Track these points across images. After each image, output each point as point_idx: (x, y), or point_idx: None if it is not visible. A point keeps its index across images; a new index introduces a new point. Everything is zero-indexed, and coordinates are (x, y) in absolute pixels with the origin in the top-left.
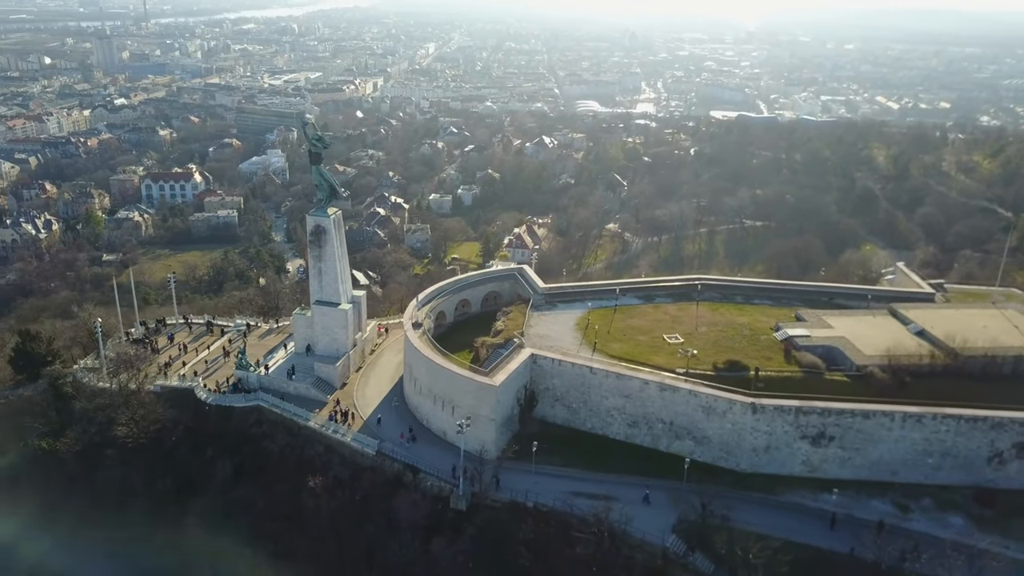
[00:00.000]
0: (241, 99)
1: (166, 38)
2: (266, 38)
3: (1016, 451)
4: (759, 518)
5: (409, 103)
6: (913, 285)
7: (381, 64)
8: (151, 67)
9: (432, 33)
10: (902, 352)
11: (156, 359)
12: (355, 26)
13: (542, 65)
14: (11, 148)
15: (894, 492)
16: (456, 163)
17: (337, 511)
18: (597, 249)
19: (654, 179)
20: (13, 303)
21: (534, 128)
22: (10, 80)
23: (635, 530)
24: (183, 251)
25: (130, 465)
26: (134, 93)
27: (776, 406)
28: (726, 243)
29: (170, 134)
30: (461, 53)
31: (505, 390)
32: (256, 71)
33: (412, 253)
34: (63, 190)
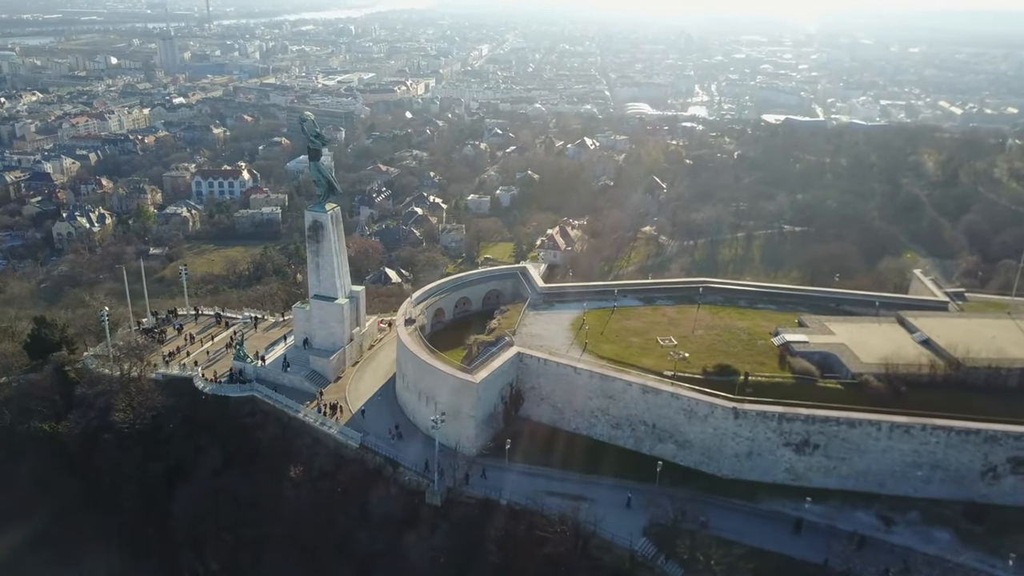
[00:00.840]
0: (294, 99)
1: (227, 39)
2: (323, 39)
3: (1011, 466)
4: (734, 524)
5: (458, 104)
6: (928, 293)
7: (434, 65)
8: (210, 67)
9: (486, 35)
10: (900, 361)
11: (162, 348)
12: (411, 28)
13: (594, 67)
14: (73, 145)
15: (880, 504)
16: (498, 164)
17: (316, 501)
18: (631, 252)
19: (694, 182)
20: (62, 292)
21: (578, 130)
22: (77, 79)
23: (604, 532)
24: (227, 246)
25: (126, 449)
26: (192, 92)
27: (758, 411)
28: (763, 248)
29: (223, 132)
30: (514, 55)
31: (486, 387)
32: (311, 71)
33: (446, 252)
34: (118, 185)
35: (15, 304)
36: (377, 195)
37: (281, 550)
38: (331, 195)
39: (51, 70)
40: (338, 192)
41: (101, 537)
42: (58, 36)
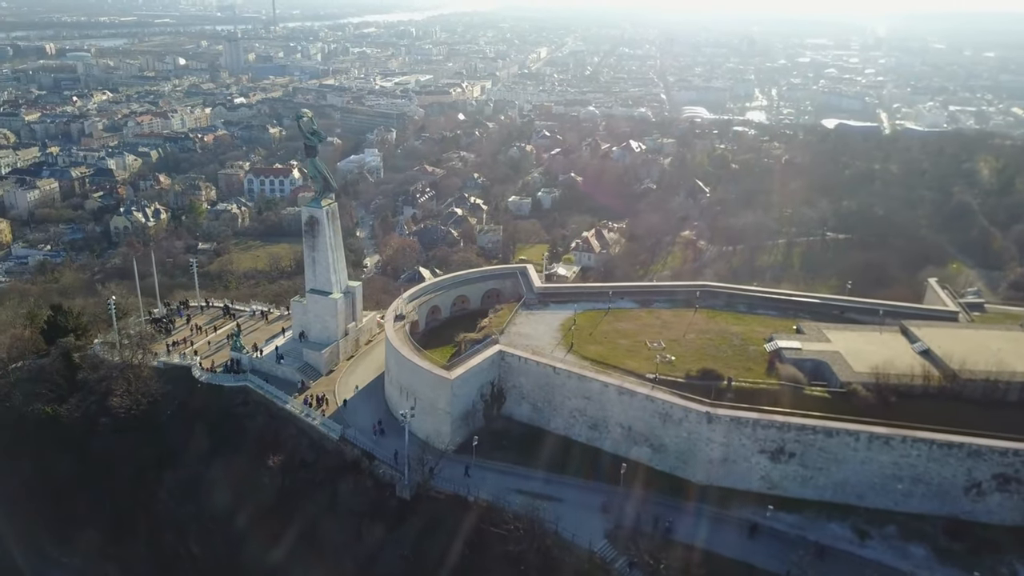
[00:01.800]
0: (350, 99)
1: (291, 41)
2: (384, 41)
3: (996, 483)
4: (701, 531)
5: (512, 106)
6: (941, 303)
7: (491, 68)
8: (273, 68)
9: (546, 38)
10: (892, 370)
11: (168, 338)
12: (471, 30)
13: (653, 70)
14: (136, 142)
15: (857, 517)
16: (543, 166)
17: (291, 490)
18: (667, 256)
19: (738, 187)
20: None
21: (627, 132)
22: (146, 79)
23: (566, 532)
24: (273, 243)
25: (122, 433)
26: (253, 93)
27: (732, 417)
28: (804, 255)
29: (279, 132)
30: (572, 57)
31: (463, 384)
32: (370, 73)
33: (482, 253)
34: (175, 182)
35: (67, 294)
36: (421, 195)
37: (256, 537)
38: (327, 191)
39: (122, 71)
40: (334, 188)
41: (93, 517)
42: (132, 38)
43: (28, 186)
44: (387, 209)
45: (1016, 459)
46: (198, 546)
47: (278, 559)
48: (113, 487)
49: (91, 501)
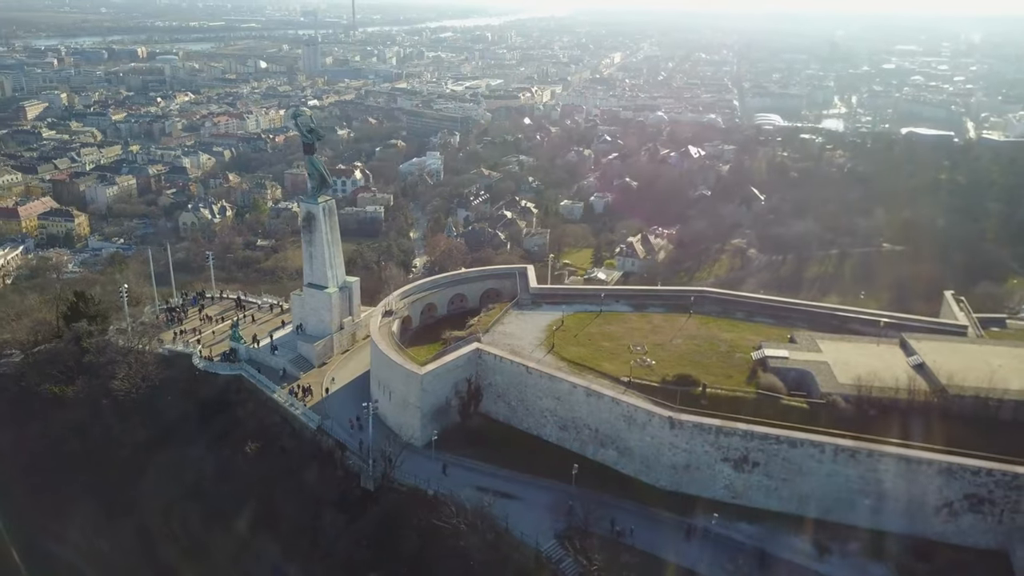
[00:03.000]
0: (419, 103)
1: (368, 45)
2: (460, 46)
3: (969, 503)
4: (656, 537)
5: (580, 111)
6: (953, 316)
7: (563, 72)
8: (348, 71)
9: (621, 43)
10: (877, 383)
11: (179, 326)
12: (546, 35)
13: (728, 76)
14: (211, 142)
15: (821, 531)
16: (600, 171)
17: (266, 476)
18: (714, 264)
19: (795, 195)
20: (196, 279)
21: (689, 138)
22: (227, 82)
23: (516, 530)
24: None
25: (121, 416)
26: (326, 95)
27: (695, 423)
28: (856, 267)
29: (348, 133)
30: (646, 63)
31: (434, 380)
32: (442, 77)
33: (526, 256)
34: (243, 180)
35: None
36: (475, 198)
37: (225, 517)
38: (324, 188)
39: (206, 73)
40: (330, 185)
41: (89, 493)
42: (218, 42)
43: (108, 182)
44: (441, 211)
45: (989, 479)
46: (180, 526)
47: (242, 540)
48: (109, 466)
49: (88, 478)
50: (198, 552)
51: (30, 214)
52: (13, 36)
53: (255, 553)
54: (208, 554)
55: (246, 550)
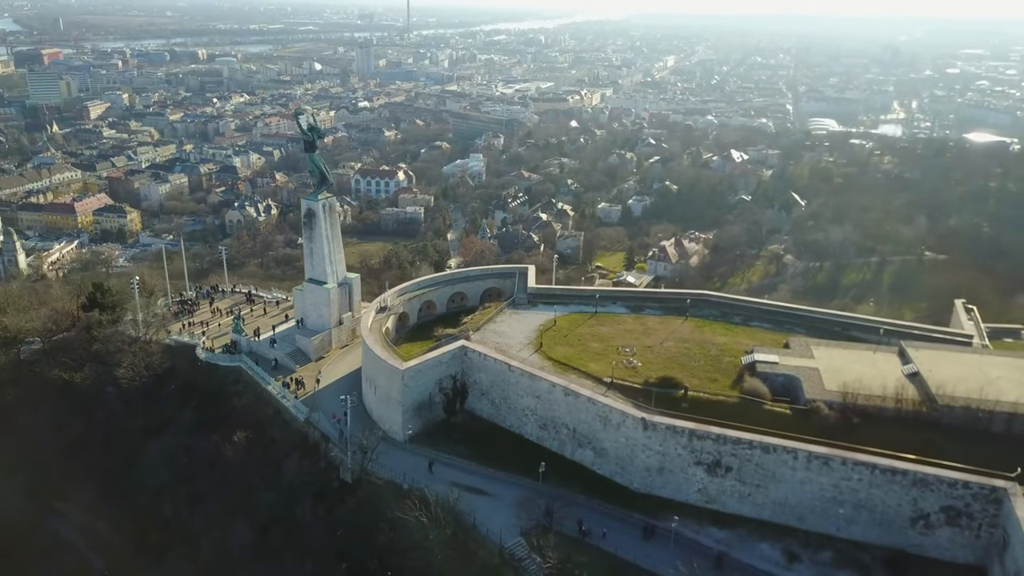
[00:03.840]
0: (467, 105)
1: (421, 47)
2: (513, 49)
3: (945, 516)
4: (624, 539)
5: (628, 114)
6: (962, 326)
7: (615, 76)
8: (400, 73)
9: (676, 46)
10: (863, 390)
11: (190, 318)
12: (600, 38)
13: (783, 81)
14: (262, 142)
15: (793, 539)
16: (641, 174)
17: (251, 465)
18: (748, 269)
19: (837, 200)
20: (212, 273)
21: (736, 142)
22: (281, 83)
23: (482, 526)
24: (369, 241)
25: (124, 403)
26: (377, 97)
27: (668, 425)
28: (895, 275)
29: (395, 135)
30: (700, 66)
31: (416, 375)
32: (493, 79)
33: (559, 259)
34: (290, 180)
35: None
36: (512, 200)
37: (214, 505)
38: (324, 185)
39: (261, 75)
40: (330, 183)
41: (91, 476)
42: (276, 44)
43: (161, 180)
44: (478, 212)
45: (966, 492)
46: (172, 510)
47: (222, 526)
48: (109, 450)
49: (91, 461)
50: (183, 536)
51: (86, 210)
52: (83, 39)
53: (233, 539)
54: (192, 539)
55: (225, 536)
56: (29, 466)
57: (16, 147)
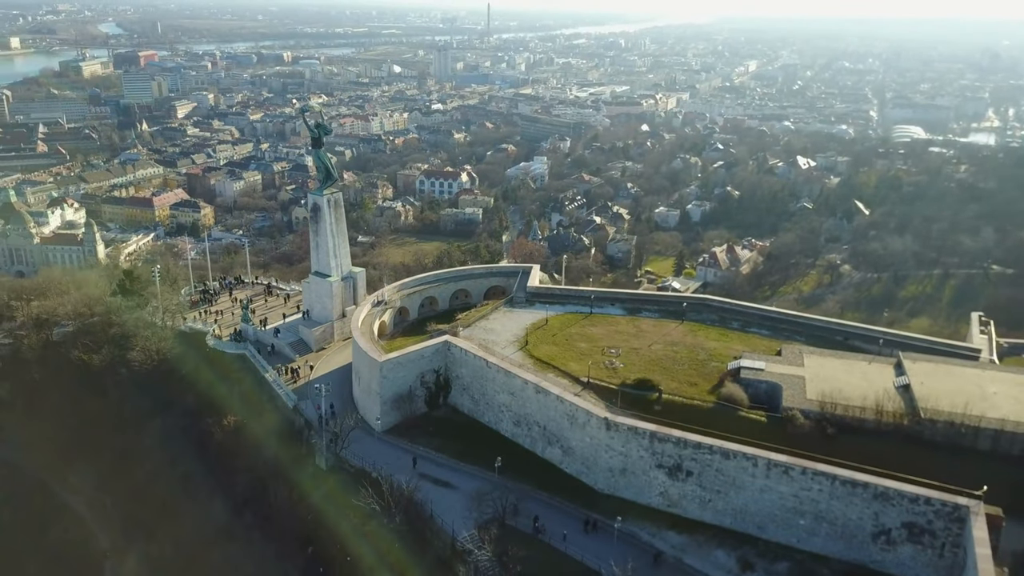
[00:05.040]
0: (538, 108)
1: (500, 51)
2: (592, 52)
3: (907, 532)
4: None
5: (702, 119)
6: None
7: (693, 80)
8: (476, 77)
9: (759, 51)
10: (841, 401)
11: (210, 307)
12: (682, 42)
13: (870, 86)
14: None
15: (751, 548)
16: (704, 178)
17: (236, 448)
18: (802, 278)
19: (903, 210)
20: (271, 268)
21: (807, 148)
22: (359, 85)
23: (439, 518)
24: (427, 240)
25: (135, 384)
26: (450, 99)
27: (629, 426)
28: (958, 288)
29: (464, 137)
30: (783, 71)
31: (395, 368)
32: (568, 83)
33: (607, 262)
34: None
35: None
36: (570, 203)
37: (200, 486)
38: (329, 181)
39: (342, 77)
40: (335, 179)
41: (99, 453)
42: (359, 47)
43: (236, 177)
44: (535, 215)
45: (928, 508)
46: (165, 487)
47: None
48: (116, 428)
49: (102, 439)
50: (172, 514)
51: (163, 204)
52: (178, 41)
53: (209, 519)
54: (179, 517)
55: (204, 515)
56: (48, 441)
57: (108, 144)
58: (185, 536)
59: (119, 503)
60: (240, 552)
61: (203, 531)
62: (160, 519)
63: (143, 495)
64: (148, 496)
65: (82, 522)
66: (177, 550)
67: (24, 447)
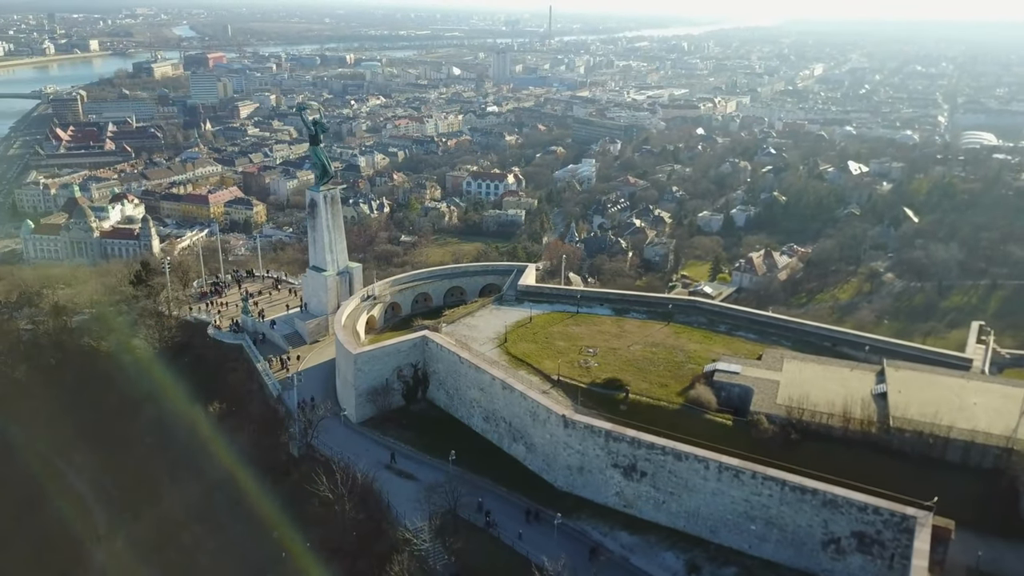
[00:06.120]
0: (593, 111)
1: (560, 53)
2: (653, 55)
3: (857, 542)
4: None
5: (761, 123)
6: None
7: (755, 83)
8: (534, 79)
9: (827, 54)
10: (808, 407)
11: (219, 299)
12: (746, 45)
13: (941, 91)
14: (389, 143)
15: (700, 551)
16: (752, 183)
17: (219, 434)
18: (841, 286)
19: (954, 218)
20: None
21: (860, 153)
22: (418, 87)
23: (396, 508)
24: (468, 241)
25: (137, 369)
26: (506, 102)
27: (586, 424)
28: (1006, 300)
29: (515, 139)
30: (850, 75)
31: (369, 361)
32: (626, 86)
33: (643, 265)
34: (407, 180)
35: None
36: (613, 206)
37: (183, 469)
38: (326, 177)
39: (401, 79)
40: (331, 175)
41: (102, 436)
42: (421, 49)
43: (290, 176)
44: (576, 217)
45: (876, 518)
46: (158, 468)
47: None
48: (118, 412)
49: (104, 421)
50: (156, 497)
51: (218, 201)
52: (246, 44)
53: (184, 501)
54: (162, 499)
55: (181, 498)
56: (56, 424)
57: (172, 142)
58: (164, 518)
59: (115, 485)
60: (208, 534)
61: (178, 513)
62: (146, 501)
63: (136, 478)
64: (140, 479)
65: (80, 501)
66: (157, 532)
67: (34, 428)
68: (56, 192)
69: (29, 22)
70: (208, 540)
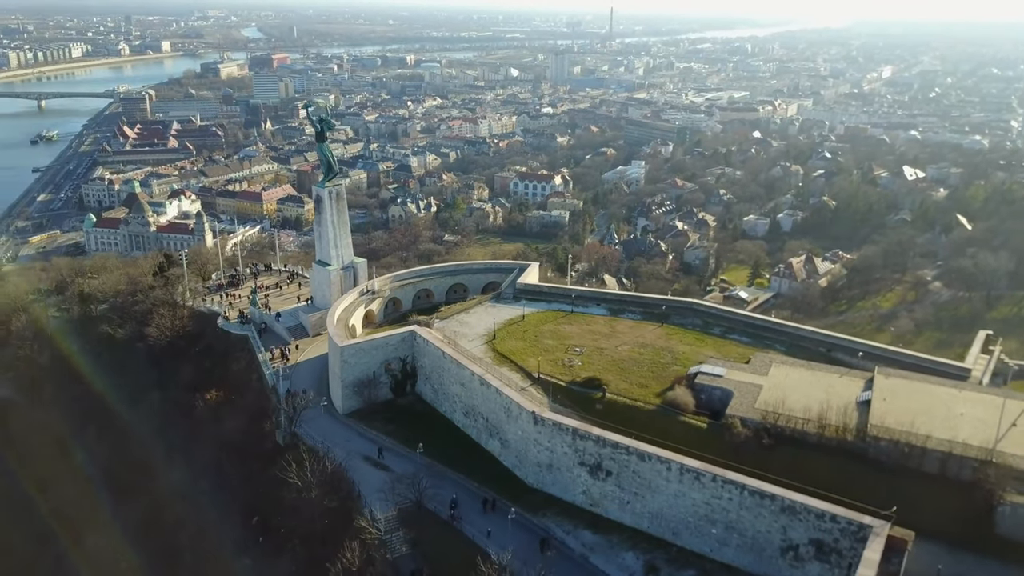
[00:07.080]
0: (648, 113)
1: (620, 55)
2: (715, 57)
3: (815, 549)
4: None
5: (821, 126)
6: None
7: (818, 86)
8: (591, 81)
9: (897, 55)
10: (784, 412)
11: (234, 291)
12: (813, 47)
13: (1017, 95)
14: (441, 143)
15: (660, 553)
16: (803, 187)
17: (213, 421)
18: (884, 294)
19: (1009, 226)
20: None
21: (917, 158)
22: (474, 88)
23: (366, 498)
24: (510, 241)
25: (148, 357)
26: (561, 103)
27: (554, 421)
28: None
29: (567, 140)
30: (919, 77)
31: (356, 354)
32: (684, 88)
33: (682, 268)
34: (456, 180)
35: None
36: (658, 208)
37: (177, 454)
38: (331, 174)
39: (459, 80)
40: (336, 172)
41: (111, 420)
42: (481, 51)
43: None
44: (620, 219)
45: (834, 526)
46: (158, 453)
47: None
48: (127, 397)
49: (113, 408)
50: (150, 480)
51: (271, 198)
52: (311, 45)
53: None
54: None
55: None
56: (76, 407)
57: (233, 141)
58: (151, 503)
59: (126, 466)
60: (190, 516)
61: (165, 497)
62: (141, 486)
63: (137, 462)
64: (140, 463)
65: (87, 483)
66: (144, 514)
67: (51, 413)
68: (119, 187)
69: (107, 24)
70: (190, 523)
